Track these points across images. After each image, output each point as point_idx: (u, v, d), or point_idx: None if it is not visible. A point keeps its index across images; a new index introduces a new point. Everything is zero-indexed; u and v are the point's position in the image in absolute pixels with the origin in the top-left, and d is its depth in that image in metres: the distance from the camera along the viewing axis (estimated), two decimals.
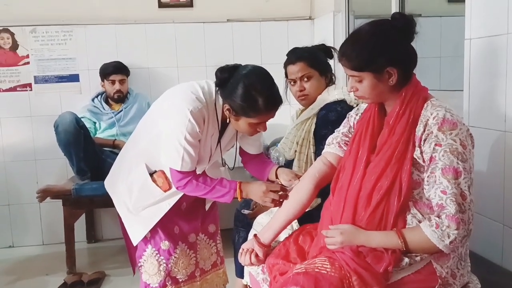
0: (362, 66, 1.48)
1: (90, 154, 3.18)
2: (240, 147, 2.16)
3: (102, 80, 3.54)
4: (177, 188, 1.92)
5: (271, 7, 3.91)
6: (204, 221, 2.23)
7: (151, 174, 2.00)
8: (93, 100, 3.57)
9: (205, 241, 2.24)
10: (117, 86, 3.50)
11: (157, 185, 1.99)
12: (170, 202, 2.02)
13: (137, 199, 2.03)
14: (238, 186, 1.86)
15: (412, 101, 1.49)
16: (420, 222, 1.44)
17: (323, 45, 2.39)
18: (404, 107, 1.49)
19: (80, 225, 3.57)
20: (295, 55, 2.30)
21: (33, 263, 3.52)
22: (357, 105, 1.88)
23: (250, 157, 2.16)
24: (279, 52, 2.71)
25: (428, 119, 1.45)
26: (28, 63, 3.67)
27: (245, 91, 1.74)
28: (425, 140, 1.44)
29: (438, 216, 1.39)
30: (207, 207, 2.22)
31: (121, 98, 3.54)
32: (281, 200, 1.81)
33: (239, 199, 1.89)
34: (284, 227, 1.76)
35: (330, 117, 2.13)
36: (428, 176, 1.42)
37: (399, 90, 1.50)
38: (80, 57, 3.71)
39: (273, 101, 1.78)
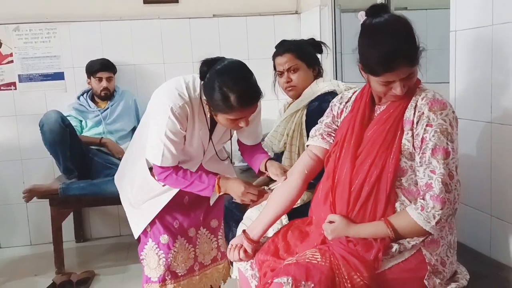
0: (417, 60, 1.44)
1: (76, 153, 3.16)
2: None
3: (89, 78, 3.50)
4: (158, 181, 1.95)
5: (257, 2, 3.90)
6: (207, 216, 2.23)
7: (151, 168, 2.01)
8: (78, 98, 3.54)
9: (206, 235, 2.24)
10: (104, 83, 3.47)
11: (156, 179, 1.99)
12: (169, 196, 2.03)
13: (137, 192, 2.07)
14: (216, 182, 1.89)
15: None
16: None
17: (312, 39, 2.40)
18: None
19: (68, 224, 3.54)
20: (283, 47, 2.32)
21: (21, 264, 3.49)
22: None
23: (246, 147, 2.16)
24: (266, 47, 2.71)
25: (417, 101, 1.47)
26: (12, 61, 3.62)
27: (217, 88, 1.72)
28: (417, 122, 1.45)
29: (423, 198, 1.41)
30: (211, 201, 2.21)
31: (108, 95, 3.51)
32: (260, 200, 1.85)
33: (218, 194, 1.92)
34: (273, 223, 1.76)
35: (324, 107, 2.13)
36: (420, 157, 1.43)
37: None
38: (64, 55, 3.67)
39: (246, 98, 1.74)
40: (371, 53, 1.44)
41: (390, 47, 1.40)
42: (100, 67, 3.47)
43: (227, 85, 1.71)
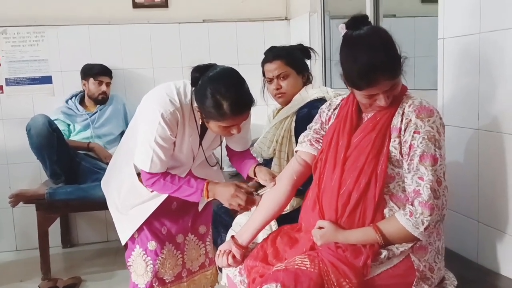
0: (398, 72, 1.45)
1: (63, 157, 3.12)
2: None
3: (86, 79, 3.46)
4: (145, 186, 1.94)
5: (247, 8, 3.90)
6: (195, 222, 2.22)
7: (139, 174, 1.99)
8: (67, 101, 3.50)
9: (194, 241, 2.22)
10: (103, 87, 3.46)
11: (143, 185, 1.98)
12: (156, 202, 2.01)
13: (125, 198, 2.04)
14: (205, 186, 1.87)
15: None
16: None
17: (301, 45, 2.40)
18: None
19: (55, 229, 3.51)
20: (272, 54, 2.32)
21: (6, 270, 3.45)
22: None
23: (235, 152, 2.16)
24: (255, 52, 2.71)
25: (404, 108, 1.48)
26: None
27: (210, 95, 1.71)
28: (405, 129, 1.46)
29: (412, 204, 1.41)
30: (200, 207, 2.20)
31: (105, 100, 3.49)
32: (248, 206, 1.83)
33: (206, 199, 1.89)
34: (262, 228, 1.76)
35: (313, 114, 2.13)
36: (408, 164, 1.44)
37: None
38: (52, 58, 3.64)
39: (239, 105, 1.73)
40: (351, 68, 1.45)
41: (368, 62, 1.39)
42: (102, 71, 3.47)
43: (220, 93, 1.70)
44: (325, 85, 3.42)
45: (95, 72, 3.44)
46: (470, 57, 1.83)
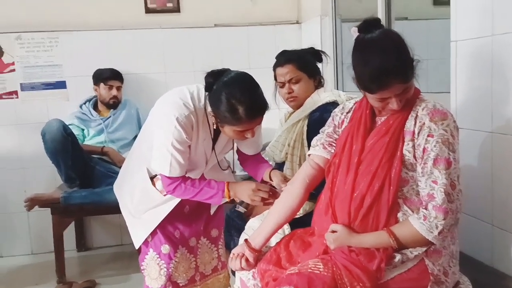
0: (410, 75, 1.45)
1: (78, 162, 3.16)
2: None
3: (97, 84, 3.51)
4: (167, 192, 1.94)
5: (258, 12, 3.92)
6: (208, 225, 2.23)
7: (152, 178, 2.00)
8: (81, 106, 3.54)
9: (207, 245, 2.24)
10: (114, 92, 3.49)
11: (157, 188, 1.99)
12: (170, 205, 2.03)
13: (138, 202, 2.06)
14: (226, 186, 1.87)
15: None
16: None
17: (312, 48, 2.40)
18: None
19: (69, 233, 3.54)
20: (284, 58, 2.33)
21: (22, 273, 3.48)
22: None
23: (247, 156, 2.17)
24: (267, 56, 2.72)
25: (418, 111, 1.48)
26: (13, 70, 3.63)
27: (225, 100, 1.73)
28: (419, 132, 1.45)
29: (426, 208, 1.41)
30: (212, 211, 2.21)
31: (116, 104, 3.52)
32: (270, 200, 1.82)
33: (227, 199, 1.89)
34: (275, 232, 1.76)
35: (326, 117, 2.14)
36: (422, 168, 1.44)
37: None
38: (66, 63, 3.68)
39: (254, 110, 1.75)
40: (363, 71, 1.45)
41: (380, 66, 1.40)
42: (112, 75, 3.50)
43: (235, 97, 1.72)
44: (337, 89, 3.42)
45: (105, 77, 3.48)
46: (483, 60, 1.82)
